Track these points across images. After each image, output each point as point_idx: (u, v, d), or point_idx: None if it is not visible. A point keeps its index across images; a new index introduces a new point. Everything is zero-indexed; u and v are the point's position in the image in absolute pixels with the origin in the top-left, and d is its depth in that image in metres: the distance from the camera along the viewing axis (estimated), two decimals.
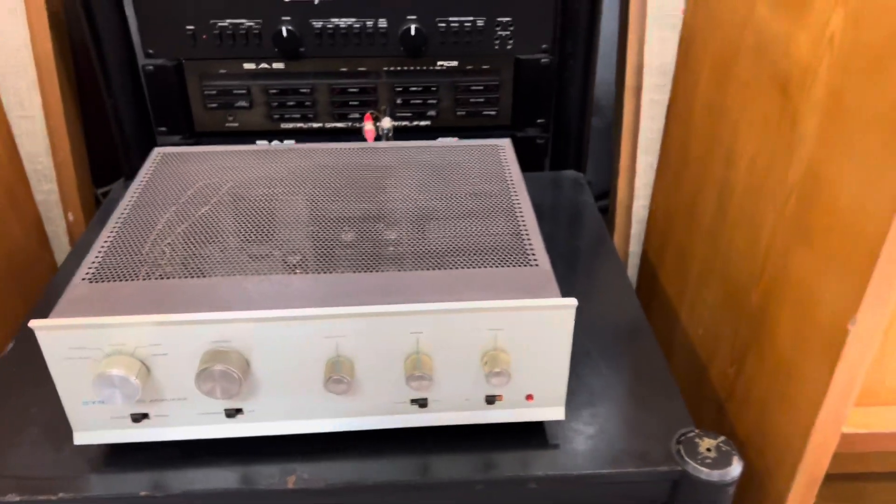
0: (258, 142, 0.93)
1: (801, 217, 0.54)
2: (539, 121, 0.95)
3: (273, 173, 0.66)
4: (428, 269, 0.53)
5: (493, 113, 0.95)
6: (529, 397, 0.54)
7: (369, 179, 0.65)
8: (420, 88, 0.92)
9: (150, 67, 0.88)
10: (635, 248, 1.04)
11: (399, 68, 0.91)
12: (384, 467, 0.53)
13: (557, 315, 0.50)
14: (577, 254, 0.76)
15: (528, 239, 0.57)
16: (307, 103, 0.92)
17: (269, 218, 0.59)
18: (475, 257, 0.54)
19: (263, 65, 0.90)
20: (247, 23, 0.87)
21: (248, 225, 0.58)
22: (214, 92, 0.91)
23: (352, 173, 0.66)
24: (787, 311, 0.57)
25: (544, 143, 0.97)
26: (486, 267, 0.53)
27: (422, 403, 0.53)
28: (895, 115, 0.41)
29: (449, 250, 0.55)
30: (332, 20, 0.88)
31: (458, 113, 0.94)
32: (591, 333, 0.64)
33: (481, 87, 0.93)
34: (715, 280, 0.73)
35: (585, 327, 0.65)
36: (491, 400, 0.54)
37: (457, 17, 0.89)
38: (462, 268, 0.53)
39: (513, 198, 0.62)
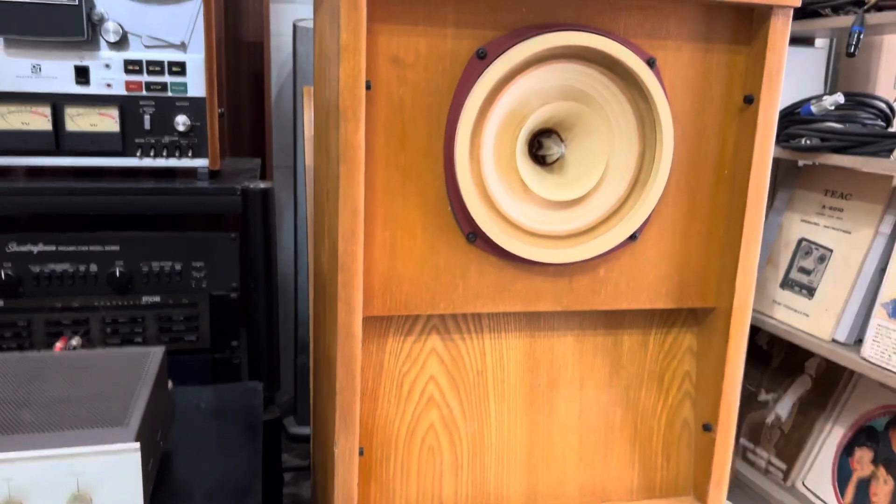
0: None
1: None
2: (233, 343, 1.16)
3: None
4: (35, 433, 0.68)
5: (193, 338, 1.14)
6: None
7: (25, 376, 0.80)
8: (128, 319, 1.11)
9: None
10: None
11: (108, 303, 1.10)
12: None
13: (125, 458, 0.65)
14: (225, 436, 0.92)
15: (132, 410, 0.73)
16: (24, 334, 1.08)
17: None
18: (82, 423, 0.70)
19: None
20: None
21: None
22: None
23: (9, 373, 0.81)
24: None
25: (239, 362, 1.16)
26: (85, 428, 0.69)
27: None
28: None
29: (64, 420, 0.70)
30: (49, 265, 1.07)
31: (164, 339, 1.13)
32: (206, 491, 0.79)
33: (182, 318, 1.13)
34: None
35: (203, 488, 0.80)
36: None
37: (158, 262, 1.11)
38: (67, 430, 0.68)
39: (138, 385, 0.79)
